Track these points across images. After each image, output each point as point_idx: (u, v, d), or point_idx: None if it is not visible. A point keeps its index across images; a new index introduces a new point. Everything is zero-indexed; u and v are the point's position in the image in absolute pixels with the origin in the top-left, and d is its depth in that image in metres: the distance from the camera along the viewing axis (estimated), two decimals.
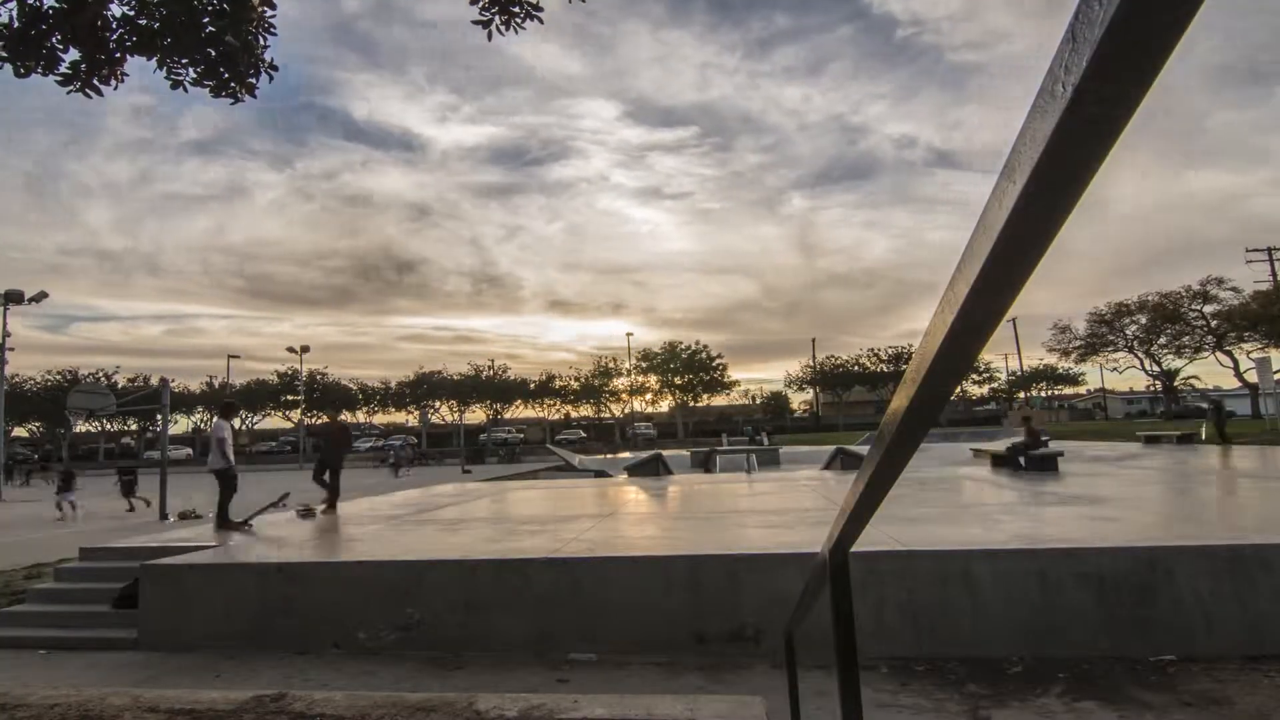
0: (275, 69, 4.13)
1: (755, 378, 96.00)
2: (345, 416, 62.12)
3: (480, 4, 4.27)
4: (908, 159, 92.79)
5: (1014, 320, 53.47)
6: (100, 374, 54.84)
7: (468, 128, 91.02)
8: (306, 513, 8.93)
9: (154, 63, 3.83)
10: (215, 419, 9.49)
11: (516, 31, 4.47)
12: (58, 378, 53.88)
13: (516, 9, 4.34)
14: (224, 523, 8.07)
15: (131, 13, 3.78)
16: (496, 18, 4.33)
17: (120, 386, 49.99)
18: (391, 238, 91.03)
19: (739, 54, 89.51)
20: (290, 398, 56.34)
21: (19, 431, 56.66)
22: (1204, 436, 19.25)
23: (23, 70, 3.66)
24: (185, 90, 3.96)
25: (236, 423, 60.97)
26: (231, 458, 8.49)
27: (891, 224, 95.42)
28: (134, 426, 58.96)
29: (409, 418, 60.69)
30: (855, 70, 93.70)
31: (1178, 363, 47.85)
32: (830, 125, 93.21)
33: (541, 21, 4.49)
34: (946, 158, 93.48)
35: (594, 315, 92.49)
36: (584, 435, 57.10)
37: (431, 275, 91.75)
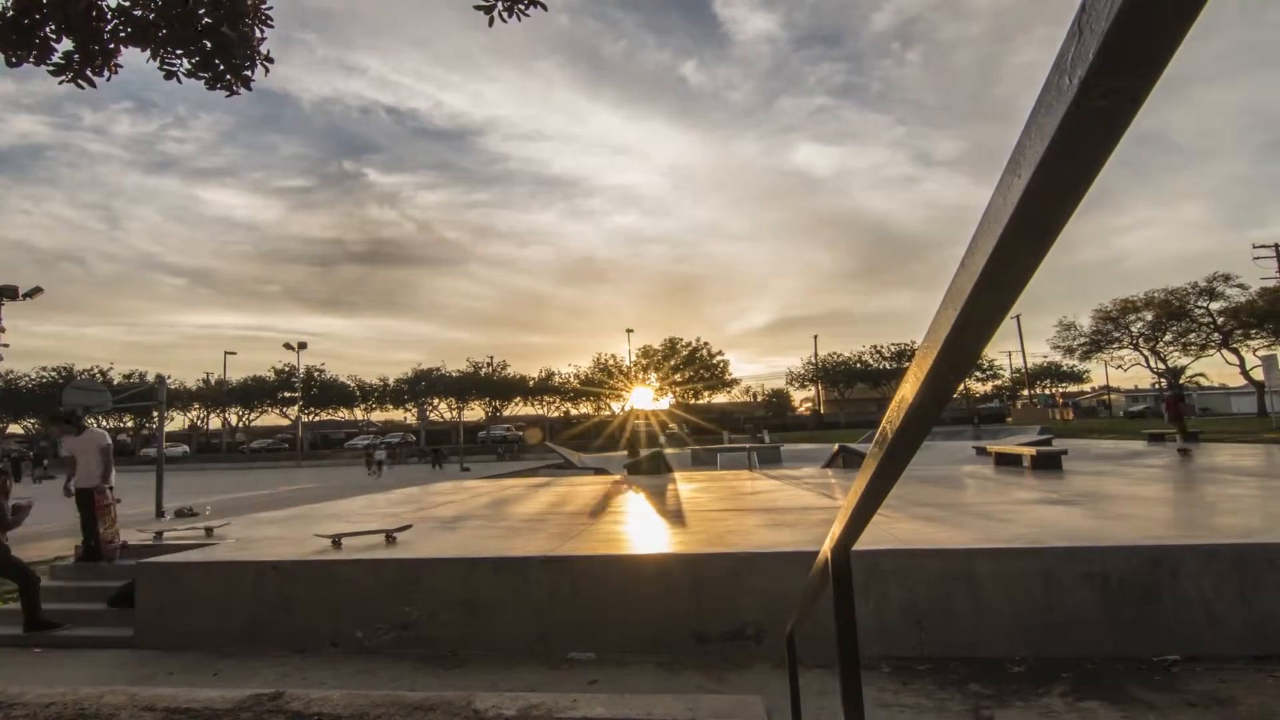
0: (271, 61, 4.10)
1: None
2: (343, 414, 62.11)
3: None
4: (392, 128, 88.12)
5: (1018, 317, 53.36)
6: (96, 370, 54.96)
7: None
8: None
9: (148, 53, 3.81)
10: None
11: (519, 19, 4.43)
12: (53, 374, 53.96)
13: None
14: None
15: (126, 3, 3.75)
16: (499, 4, 4.29)
17: (116, 383, 49.98)
18: (26, 230, 79.65)
19: None
20: (288, 395, 56.36)
21: (14, 428, 56.73)
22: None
23: (14, 60, 3.64)
24: (180, 82, 3.94)
25: (234, 419, 60.96)
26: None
27: (520, 204, 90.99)
28: (130, 424, 59.05)
29: (407, 415, 60.74)
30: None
31: (1184, 360, 47.79)
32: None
33: (545, 8, 4.45)
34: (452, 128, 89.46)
35: (374, 314, 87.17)
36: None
37: (134, 272, 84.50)
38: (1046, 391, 64.50)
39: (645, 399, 54.69)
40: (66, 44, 3.76)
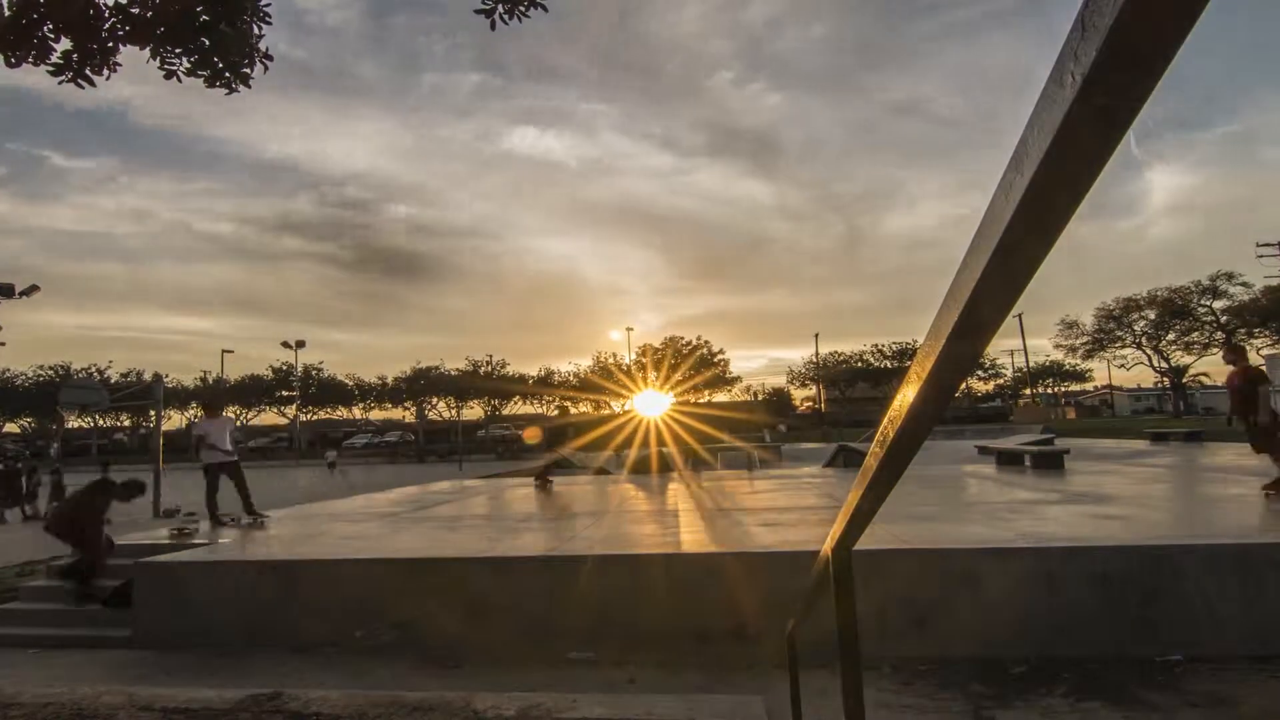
0: (270, 59, 4.08)
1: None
2: (341, 413, 61.63)
3: None
4: None
5: (1020, 315, 53.28)
6: (93, 369, 54.85)
7: None
8: None
9: (146, 52, 3.79)
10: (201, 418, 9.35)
11: (520, 20, 4.39)
12: (49, 372, 53.81)
13: None
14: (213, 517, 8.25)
15: (125, 1, 3.73)
16: (500, 6, 4.26)
17: (113, 381, 49.83)
18: None
19: None
20: (285, 393, 56.25)
21: (10, 427, 56.48)
22: None
23: (14, 60, 3.63)
24: (179, 80, 3.92)
25: (231, 417, 60.68)
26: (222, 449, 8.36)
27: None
28: (127, 423, 58.92)
29: (405, 414, 60.69)
30: None
31: (1186, 359, 47.74)
32: None
33: (546, 10, 4.41)
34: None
35: (225, 313, 79.36)
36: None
37: None
38: (1050, 390, 64.36)
39: (658, 402, 54.11)
40: (65, 43, 3.75)
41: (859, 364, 61.36)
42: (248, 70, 4.06)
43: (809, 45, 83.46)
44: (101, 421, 57.98)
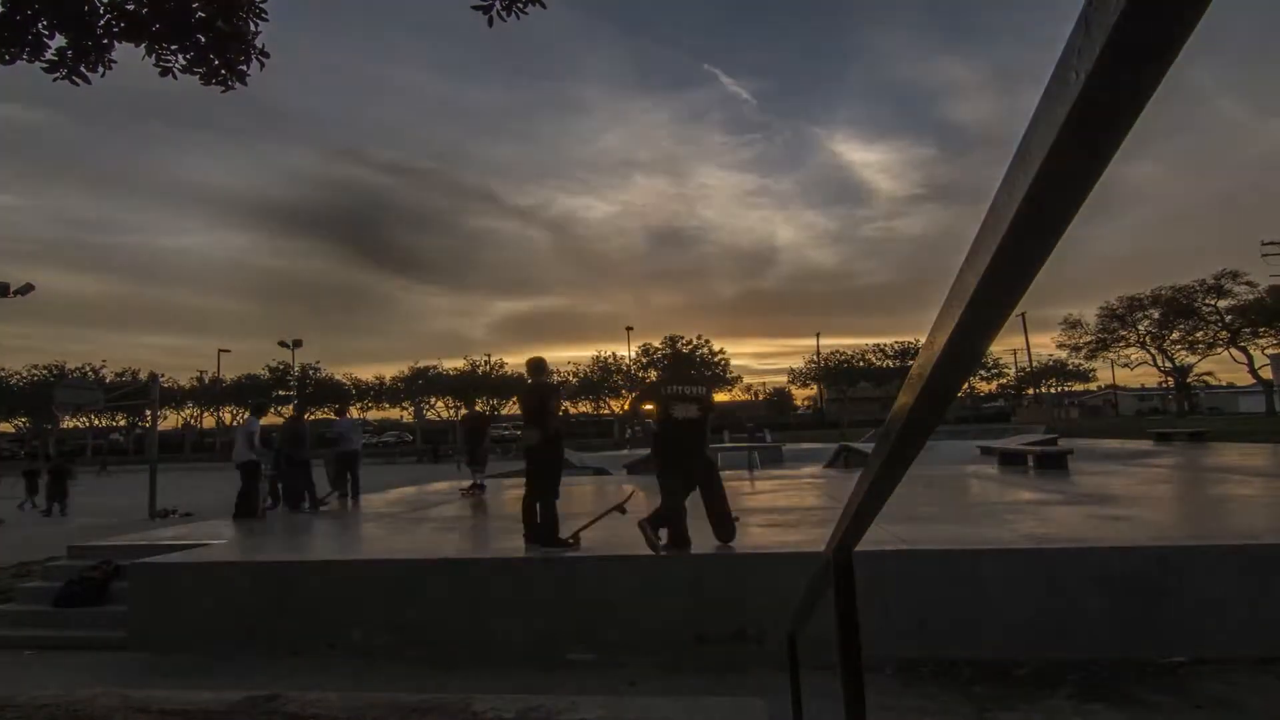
0: (266, 55, 4.06)
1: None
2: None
3: None
4: None
5: (1023, 315, 53.13)
6: (88, 368, 54.71)
7: None
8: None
9: (142, 49, 3.77)
10: (247, 416, 10.27)
11: (519, 17, 4.36)
12: (44, 372, 53.63)
13: None
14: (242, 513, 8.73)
15: None
16: (497, 3, 4.22)
17: (109, 381, 49.69)
18: None
19: None
20: (283, 393, 56.17)
21: (4, 427, 56.23)
22: None
23: (8, 57, 3.61)
24: (175, 78, 3.90)
25: (228, 418, 60.63)
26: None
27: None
28: (122, 423, 58.74)
29: (403, 414, 60.66)
30: None
31: (1191, 358, 47.58)
32: None
33: (544, 6, 4.37)
34: None
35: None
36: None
37: None
38: (1053, 390, 64.13)
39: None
40: (60, 40, 3.72)
41: (860, 364, 61.22)
42: (244, 67, 4.03)
43: None
44: (97, 421, 57.87)
